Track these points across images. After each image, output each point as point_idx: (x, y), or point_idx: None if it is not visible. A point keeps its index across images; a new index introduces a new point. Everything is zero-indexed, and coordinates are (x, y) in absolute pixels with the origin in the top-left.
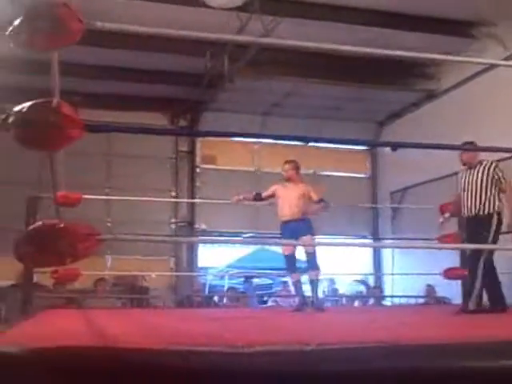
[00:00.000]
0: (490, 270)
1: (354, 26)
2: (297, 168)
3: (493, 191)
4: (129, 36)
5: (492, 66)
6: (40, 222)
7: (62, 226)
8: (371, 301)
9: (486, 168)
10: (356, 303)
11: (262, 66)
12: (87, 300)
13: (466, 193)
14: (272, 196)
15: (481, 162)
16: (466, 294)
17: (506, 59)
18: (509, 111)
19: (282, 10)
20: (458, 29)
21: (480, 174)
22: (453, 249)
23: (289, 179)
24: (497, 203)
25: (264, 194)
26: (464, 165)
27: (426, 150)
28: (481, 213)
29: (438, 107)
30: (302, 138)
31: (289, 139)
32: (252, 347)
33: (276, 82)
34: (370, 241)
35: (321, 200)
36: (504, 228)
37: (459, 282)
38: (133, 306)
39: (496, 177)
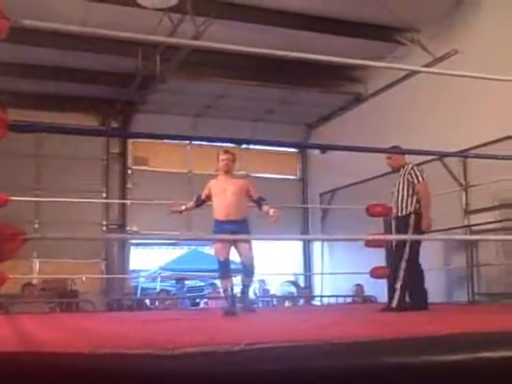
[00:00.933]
0: (414, 269)
1: (283, 29)
2: (234, 160)
3: (409, 192)
4: (59, 35)
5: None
6: None
7: None
8: (301, 301)
9: (404, 171)
10: (287, 303)
11: (194, 67)
12: (14, 305)
13: (393, 197)
14: (210, 195)
15: (404, 167)
16: (391, 292)
17: (428, 65)
18: (432, 115)
19: (214, 12)
20: (383, 34)
21: (400, 178)
22: (377, 246)
23: (227, 171)
24: (414, 204)
25: (203, 195)
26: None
27: (353, 152)
28: (399, 214)
29: (365, 110)
30: (233, 140)
31: (220, 141)
32: (181, 349)
33: (208, 84)
34: (300, 241)
35: (260, 198)
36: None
37: (385, 280)
38: (62, 311)
39: (410, 179)
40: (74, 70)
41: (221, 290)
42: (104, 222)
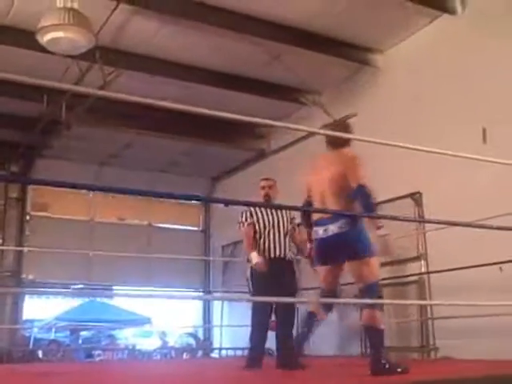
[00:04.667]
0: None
1: (189, 84)
2: None
3: (289, 233)
4: None
5: None
6: None
7: None
8: (200, 353)
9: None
10: (185, 355)
11: (101, 114)
12: None
13: (268, 230)
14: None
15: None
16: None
17: (325, 126)
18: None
19: (121, 62)
20: (287, 94)
21: (281, 214)
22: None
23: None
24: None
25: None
26: (265, 198)
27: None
28: (288, 256)
29: (266, 166)
30: (136, 191)
31: (123, 192)
32: None
33: (114, 132)
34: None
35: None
36: None
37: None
38: None
39: (293, 221)
40: None
41: (120, 342)
42: None
